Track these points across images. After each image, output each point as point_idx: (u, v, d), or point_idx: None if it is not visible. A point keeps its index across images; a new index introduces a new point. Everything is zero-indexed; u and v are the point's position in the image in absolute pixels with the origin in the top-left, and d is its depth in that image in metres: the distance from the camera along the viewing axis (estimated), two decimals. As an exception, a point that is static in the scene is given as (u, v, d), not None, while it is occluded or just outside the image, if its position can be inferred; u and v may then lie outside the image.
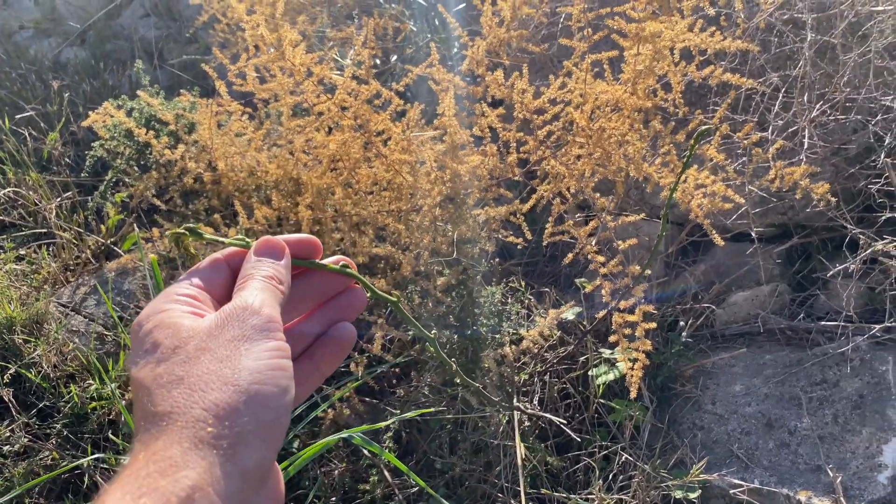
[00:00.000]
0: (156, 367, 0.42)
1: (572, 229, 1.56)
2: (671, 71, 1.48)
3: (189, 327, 0.44)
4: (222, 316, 0.45)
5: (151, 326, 0.45)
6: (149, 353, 0.44)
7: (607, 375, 1.63)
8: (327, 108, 1.71)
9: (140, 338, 0.45)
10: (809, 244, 1.88)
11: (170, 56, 3.22)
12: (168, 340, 0.43)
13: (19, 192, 2.39)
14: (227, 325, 0.44)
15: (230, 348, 0.42)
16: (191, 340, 0.43)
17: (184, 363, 0.42)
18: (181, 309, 0.46)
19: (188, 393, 0.40)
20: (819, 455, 1.46)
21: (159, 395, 0.41)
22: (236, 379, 0.41)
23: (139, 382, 0.43)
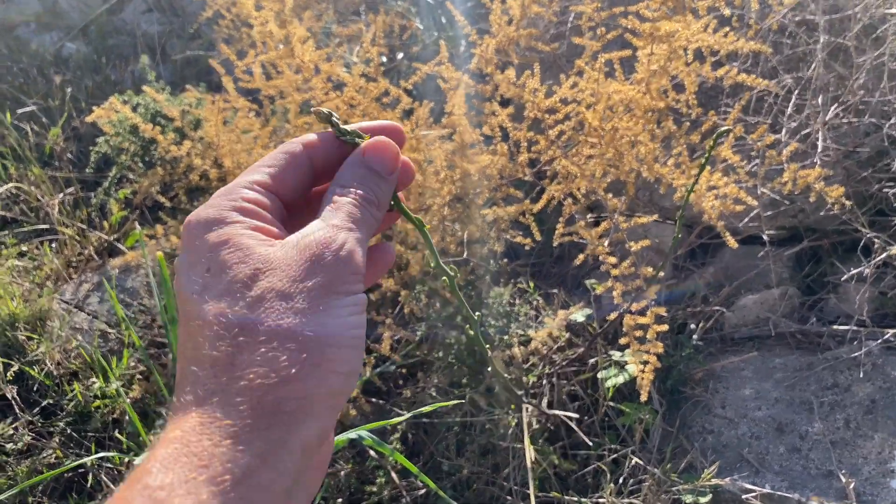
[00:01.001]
0: (222, 299, 0.37)
1: (583, 230, 1.55)
2: (685, 71, 1.47)
3: (264, 258, 0.38)
4: (305, 252, 0.38)
5: (218, 240, 0.39)
6: (213, 276, 0.38)
7: (617, 378, 1.62)
8: (335, 105, 1.70)
9: (201, 248, 0.39)
10: (819, 247, 1.87)
11: (172, 52, 3.19)
12: (239, 269, 0.37)
13: (21, 188, 2.37)
14: (309, 267, 0.38)
15: (310, 300, 0.37)
16: (267, 276, 0.37)
17: (256, 306, 0.36)
18: (249, 224, 0.40)
19: (254, 347, 0.35)
20: (831, 460, 1.45)
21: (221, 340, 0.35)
22: (312, 338, 0.36)
23: (201, 313, 0.37)
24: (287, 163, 0.44)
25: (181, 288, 0.39)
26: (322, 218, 0.41)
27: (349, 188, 0.43)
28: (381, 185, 0.44)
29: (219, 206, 0.41)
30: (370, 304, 1.77)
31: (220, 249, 0.38)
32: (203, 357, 0.36)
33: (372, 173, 0.43)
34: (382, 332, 1.66)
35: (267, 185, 0.43)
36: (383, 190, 0.44)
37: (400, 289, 1.67)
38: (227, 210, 0.40)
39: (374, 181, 0.43)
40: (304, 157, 0.44)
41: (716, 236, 1.98)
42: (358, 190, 0.42)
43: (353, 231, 0.40)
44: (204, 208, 0.41)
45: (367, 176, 0.43)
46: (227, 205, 0.41)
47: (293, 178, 0.44)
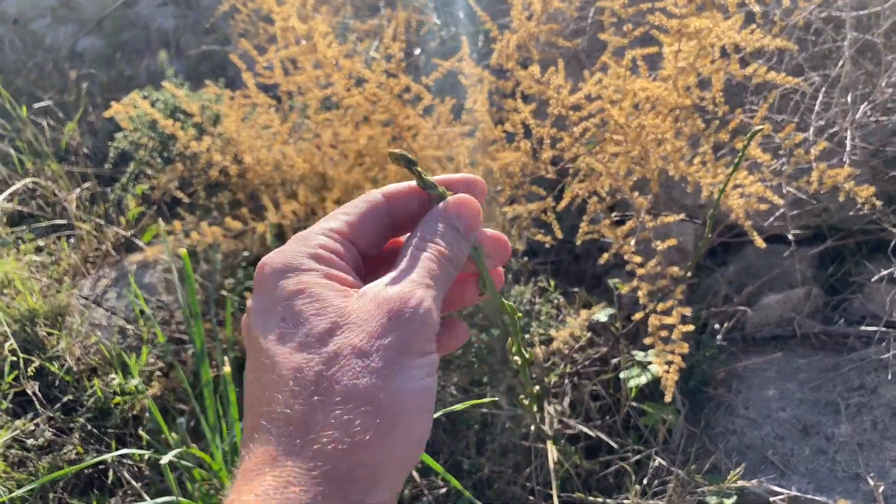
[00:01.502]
0: (298, 352, 0.36)
1: (607, 229, 1.53)
2: (713, 69, 1.45)
3: (340, 310, 0.37)
4: (383, 307, 0.37)
5: (294, 289, 0.38)
6: (288, 326, 0.37)
7: (639, 378, 1.60)
8: (357, 101, 1.69)
9: (276, 296, 0.39)
10: (844, 247, 1.85)
11: (187, 46, 3.19)
12: (315, 322, 0.37)
13: (38, 183, 2.37)
14: (387, 323, 0.37)
15: (386, 358, 0.36)
16: (342, 330, 0.36)
17: (332, 363, 0.35)
18: (324, 272, 0.39)
19: (330, 409, 0.35)
20: (858, 463, 1.44)
21: (295, 398, 0.35)
22: (386, 402, 0.35)
23: (276, 366, 0.36)
24: (366, 212, 0.43)
25: (255, 334, 0.39)
26: (399, 270, 0.40)
27: (429, 243, 0.42)
28: (462, 243, 0.43)
29: (294, 251, 0.40)
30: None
31: (295, 298, 0.38)
32: (277, 415, 0.35)
33: (453, 230, 0.43)
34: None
35: (343, 232, 0.42)
36: (462, 249, 0.43)
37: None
38: (302, 256, 0.40)
39: (455, 238, 0.42)
40: (384, 208, 0.44)
41: (737, 235, 1.96)
42: (438, 245, 0.42)
43: (431, 288, 0.39)
44: (278, 253, 0.40)
45: (448, 233, 0.42)
46: (302, 251, 0.40)
47: (371, 228, 0.44)
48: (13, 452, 1.59)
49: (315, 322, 0.37)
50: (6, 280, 1.93)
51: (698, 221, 1.92)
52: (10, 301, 1.86)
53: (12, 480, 1.54)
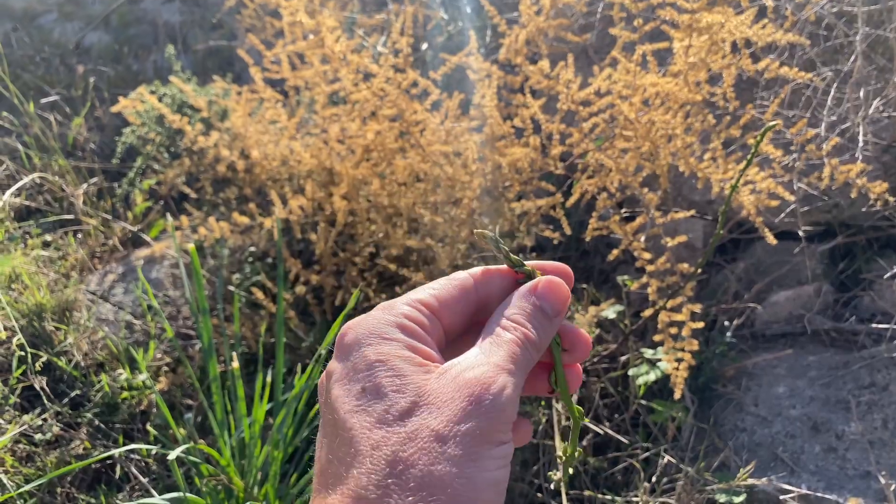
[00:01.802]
0: (377, 429, 0.36)
1: (616, 225, 1.52)
2: (724, 64, 1.44)
3: (421, 389, 0.37)
4: (464, 390, 0.36)
5: (374, 358, 0.38)
6: (368, 399, 0.37)
7: (648, 376, 1.59)
8: (364, 96, 1.68)
9: (357, 364, 0.38)
10: (854, 244, 1.84)
11: (193, 41, 3.18)
12: (396, 398, 0.36)
13: (45, 178, 2.37)
14: (467, 408, 0.36)
15: (464, 445, 0.35)
16: (421, 410, 0.36)
17: (410, 443, 0.35)
18: (406, 343, 0.39)
19: (402, 492, 0.34)
20: (869, 461, 1.43)
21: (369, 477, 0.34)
22: (458, 493, 0.34)
23: (353, 440, 0.36)
24: (454, 289, 0.43)
25: (333, 401, 0.38)
26: (482, 350, 0.39)
27: (516, 323, 0.41)
28: (547, 326, 0.42)
29: (378, 319, 0.40)
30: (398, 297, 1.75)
31: (376, 369, 0.37)
32: (352, 492, 0.35)
33: (540, 312, 0.42)
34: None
35: (430, 305, 0.42)
36: (547, 333, 0.42)
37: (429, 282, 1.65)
38: (385, 325, 0.39)
39: (542, 321, 0.41)
40: (472, 288, 0.44)
41: (746, 231, 1.95)
42: (524, 328, 0.41)
43: (513, 375, 0.38)
44: (363, 319, 0.40)
45: (536, 314, 0.41)
46: (386, 319, 0.40)
47: (458, 306, 0.43)
48: (21, 447, 1.59)
49: (395, 399, 0.36)
50: (14, 275, 1.93)
51: (708, 218, 1.91)
52: (18, 296, 1.86)
53: (20, 475, 1.54)
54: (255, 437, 1.33)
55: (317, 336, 1.78)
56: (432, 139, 1.71)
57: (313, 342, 1.77)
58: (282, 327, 1.40)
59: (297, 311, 1.80)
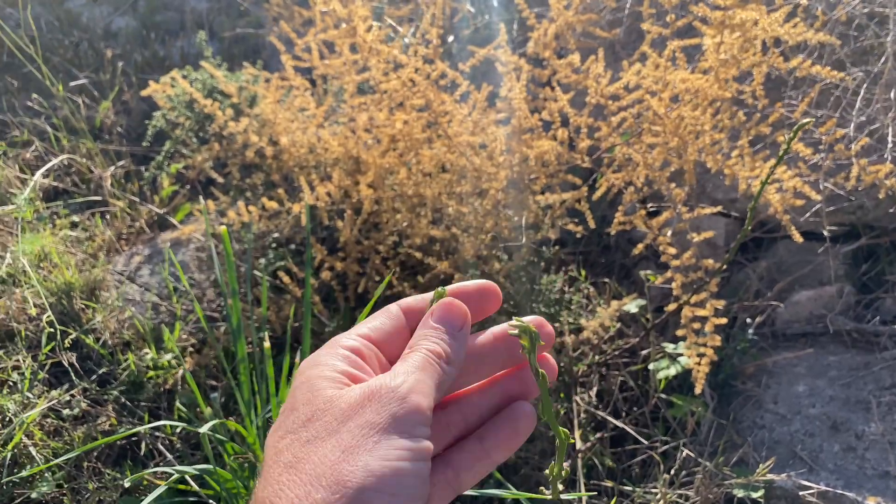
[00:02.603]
0: (282, 437, 0.39)
1: (640, 220, 1.53)
2: (755, 61, 1.44)
3: (328, 399, 0.39)
4: (366, 392, 0.39)
5: (298, 382, 0.42)
6: (284, 415, 0.40)
7: (668, 370, 1.61)
8: (394, 86, 1.69)
9: (291, 390, 0.43)
10: (878, 245, 1.84)
11: (220, 29, 3.21)
12: (303, 409, 0.40)
13: (74, 159, 2.40)
14: (366, 406, 0.38)
15: (359, 436, 0.37)
16: (324, 415, 0.38)
17: (306, 444, 0.37)
18: (336, 368, 0.42)
19: (295, 483, 0.36)
20: (888, 461, 1.43)
21: (268, 476, 0.37)
22: (348, 479, 0.35)
23: (267, 445, 0.40)
24: (387, 320, 0.47)
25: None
26: (391, 368, 0.43)
27: (419, 343, 0.44)
28: (452, 341, 0.44)
29: (320, 351, 0.44)
30: (420, 286, 1.78)
31: (297, 390, 0.41)
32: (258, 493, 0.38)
33: (437, 330, 0.45)
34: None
35: (368, 337, 0.45)
36: (451, 346, 0.44)
37: (454, 272, 1.67)
38: (323, 355, 0.43)
39: (440, 336, 0.44)
40: (402, 318, 0.47)
41: (769, 230, 1.95)
42: (427, 345, 0.44)
43: (420, 381, 0.40)
44: (312, 356, 0.44)
45: (433, 333, 0.44)
46: (326, 351, 0.44)
47: (392, 334, 0.46)
48: (49, 422, 1.62)
49: (303, 410, 0.39)
50: (43, 254, 1.96)
51: (731, 215, 1.91)
52: (48, 274, 1.89)
53: (48, 448, 1.57)
54: (282, 418, 1.35)
55: (340, 322, 1.80)
56: (459, 130, 1.73)
57: (336, 327, 1.79)
58: (308, 311, 1.42)
59: (320, 296, 1.82)
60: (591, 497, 1.48)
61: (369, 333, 0.45)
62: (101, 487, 1.50)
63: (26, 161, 2.44)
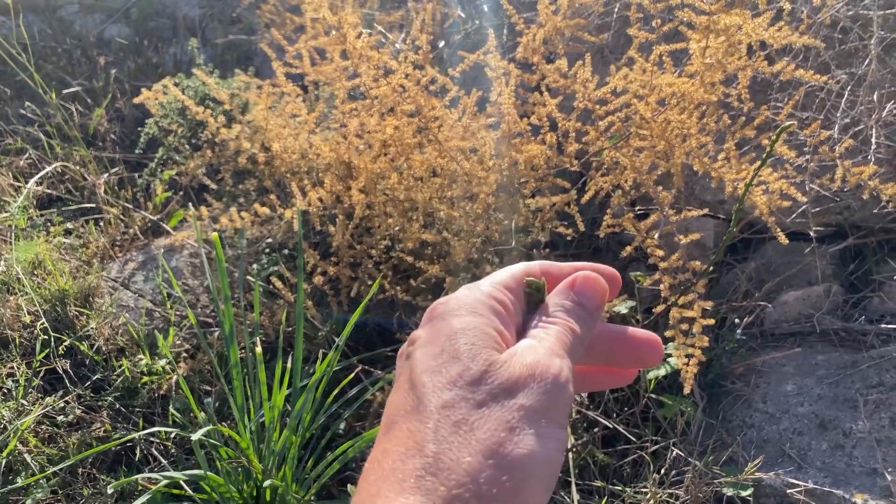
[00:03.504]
0: (448, 387, 0.38)
1: (629, 223, 1.55)
2: (740, 65, 1.46)
3: (493, 362, 0.38)
4: (528, 370, 0.38)
5: (458, 327, 0.40)
6: (444, 360, 0.39)
7: (658, 371, 1.62)
8: (384, 92, 1.71)
9: (440, 330, 0.40)
10: (864, 245, 1.86)
11: (212, 36, 3.22)
12: (469, 363, 0.38)
13: (67, 167, 2.42)
14: (529, 386, 0.38)
15: (525, 420, 0.36)
16: (491, 380, 0.38)
17: (477, 408, 0.37)
18: (491, 325, 0.41)
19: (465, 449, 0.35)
20: (875, 458, 1.45)
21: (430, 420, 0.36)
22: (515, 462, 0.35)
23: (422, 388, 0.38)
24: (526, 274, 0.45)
25: (415, 360, 0.40)
26: (536, 338, 0.41)
27: (558, 318, 0.43)
28: (588, 321, 0.44)
29: (468, 296, 0.42)
30: (412, 290, 1.79)
31: (458, 336, 0.39)
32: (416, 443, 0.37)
33: (580, 307, 0.44)
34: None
35: (512, 288, 0.44)
36: (589, 327, 0.44)
37: (445, 275, 1.69)
38: (475, 301, 0.42)
39: (581, 315, 0.44)
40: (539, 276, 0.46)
41: (757, 231, 1.97)
42: (566, 322, 0.43)
43: (566, 359, 0.40)
44: (454, 295, 0.42)
45: (575, 310, 0.44)
46: (475, 297, 0.42)
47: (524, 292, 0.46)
48: (44, 428, 1.63)
49: (469, 364, 0.38)
50: (37, 261, 1.97)
51: (719, 217, 1.93)
52: (42, 281, 1.91)
53: (43, 455, 1.58)
54: (275, 422, 1.36)
55: (333, 326, 1.81)
56: (450, 135, 1.74)
57: (329, 332, 1.80)
58: (301, 316, 1.44)
59: (313, 301, 1.84)
60: (583, 497, 1.49)
61: (512, 285, 0.44)
62: (95, 493, 1.51)
63: (20, 169, 2.45)
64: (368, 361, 1.75)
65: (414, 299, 1.75)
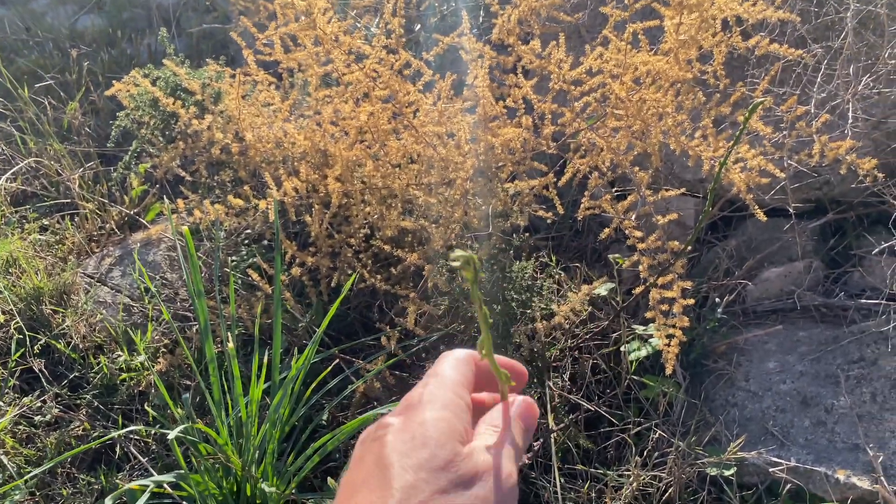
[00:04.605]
0: (416, 470, 0.41)
1: (607, 204, 1.53)
2: (715, 41, 1.44)
3: (457, 454, 0.43)
4: (486, 468, 0.43)
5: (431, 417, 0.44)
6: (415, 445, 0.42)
7: (640, 352, 1.61)
8: (357, 78, 1.68)
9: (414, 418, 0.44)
10: (844, 220, 1.85)
11: (188, 24, 3.17)
12: (437, 451, 0.42)
13: (41, 162, 2.38)
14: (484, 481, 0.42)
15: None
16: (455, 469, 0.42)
17: (442, 494, 0.40)
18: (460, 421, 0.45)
19: None
20: (857, 434, 1.45)
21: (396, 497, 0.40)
22: None
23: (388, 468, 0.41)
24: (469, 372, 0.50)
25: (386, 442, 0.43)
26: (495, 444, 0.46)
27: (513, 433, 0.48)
28: (526, 436, 0.50)
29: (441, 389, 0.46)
30: (393, 278, 1.77)
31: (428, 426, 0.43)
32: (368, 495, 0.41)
33: (520, 428, 0.49)
34: (406, 306, 1.66)
35: (469, 388, 0.49)
36: (526, 440, 0.50)
37: (423, 263, 1.67)
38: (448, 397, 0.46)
39: (526, 436, 0.50)
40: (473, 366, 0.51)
41: (738, 209, 1.96)
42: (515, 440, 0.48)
43: (513, 465, 0.45)
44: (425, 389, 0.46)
45: (519, 427, 0.49)
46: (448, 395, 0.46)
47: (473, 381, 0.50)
48: (21, 429, 1.62)
49: (437, 452, 0.42)
50: (11, 259, 1.94)
51: (699, 196, 1.92)
52: (16, 280, 1.88)
53: (20, 456, 1.56)
54: (253, 417, 1.35)
55: (313, 317, 1.80)
56: (425, 120, 1.72)
57: (309, 323, 1.78)
58: (279, 308, 1.42)
59: (292, 292, 1.82)
60: (566, 481, 1.49)
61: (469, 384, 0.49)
62: (75, 493, 1.49)
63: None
64: (350, 351, 1.73)
65: (393, 288, 1.73)
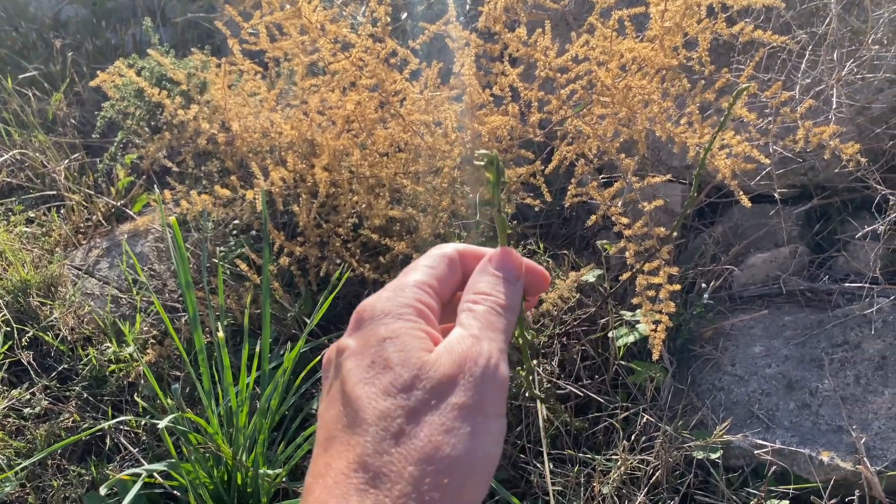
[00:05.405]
0: (382, 397, 0.38)
1: (594, 191, 1.54)
2: (699, 28, 1.45)
3: (423, 365, 0.38)
4: (457, 363, 0.39)
5: (385, 335, 0.40)
6: (376, 369, 0.39)
7: (627, 338, 1.63)
8: (343, 67, 1.68)
9: (369, 339, 0.40)
10: (829, 205, 1.87)
11: (173, 14, 3.15)
12: (400, 370, 0.38)
13: (26, 154, 2.36)
14: (459, 381, 0.38)
15: (461, 418, 0.37)
16: (422, 383, 0.38)
17: (412, 415, 0.37)
18: (418, 327, 0.41)
19: (406, 459, 0.36)
20: (841, 416, 1.47)
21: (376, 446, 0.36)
22: (457, 464, 0.36)
23: (356, 401, 0.38)
24: (446, 267, 0.46)
25: (346, 372, 0.40)
26: (464, 325, 0.42)
27: (484, 294, 0.43)
28: (512, 290, 0.44)
29: (393, 300, 0.42)
30: (381, 267, 1.78)
31: (386, 344, 0.40)
32: (356, 458, 0.37)
33: (497, 278, 0.45)
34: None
35: (434, 287, 0.44)
36: (514, 295, 0.44)
37: (412, 252, 1.67)
38: (399, 306, 0.41)
39: (505, 287, 0.44)
40: (458, 263, 0.47)
41: (724, 195, 1.97)
42: (492, 296, 0.43)
43: (495, 341, 0.41)
44: (378, 299, 0.42)
45: (494, 281, 0.44)
46: (399, 301, 0.42)
47: (449, 281, 0.46)
48: (10, 421, 1.61)
49: (400, 372, 0.38)
50: (-3, 252, 1.93)
51: (685, 182, 1.93)
52: (3, 272, 1.87)
53: (10, 448, 1.56)
54: (243, 406, 1.35)
55: (302, 307, 1.80)
56: (412, 109, 1.72)
57: (298, 312, 1.79)
58: (267, 298, 1.42)
59: (281, 282, 1.82)
60: (555, 466, 1.50)
61: (433, 283, 0.44)
62: (66, 484, 1.49)
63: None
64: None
65: (382, 276, 1.74)
